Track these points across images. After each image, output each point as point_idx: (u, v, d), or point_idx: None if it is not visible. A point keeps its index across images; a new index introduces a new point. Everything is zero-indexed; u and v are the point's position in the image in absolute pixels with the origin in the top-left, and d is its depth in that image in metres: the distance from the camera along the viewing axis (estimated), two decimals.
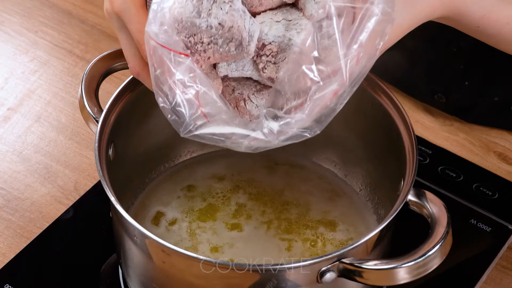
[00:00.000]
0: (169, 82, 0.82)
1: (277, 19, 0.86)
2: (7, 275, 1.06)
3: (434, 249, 0.88)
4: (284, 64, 0.85)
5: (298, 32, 0.85)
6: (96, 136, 0.97)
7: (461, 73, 1.21)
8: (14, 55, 1.33)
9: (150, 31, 0.82)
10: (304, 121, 0.84)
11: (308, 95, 0.84)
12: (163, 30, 0.81)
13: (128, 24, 0.87)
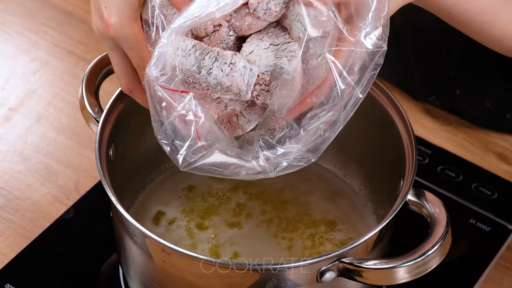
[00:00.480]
0: (170, 118, 0.84)
1: (264, 45, 0.87)
2: (8, 275, 1.06)
3: (433, 248, 0.88)
4: (277, 91, 0.86)
5: (289, 60, 0.86)
6: (96, 136, 0.97)
7: (452, 79, 1.21)
8: (15, 55, 1.33)
9: (151, 75, 0.83)
10: (299, 151, 0.86)
11: (302, 124, 0.86)
12: (165, 73, 0.83)
13: (127, 50, 0.88)
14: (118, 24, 0.87)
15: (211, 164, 0.86)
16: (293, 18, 0.86)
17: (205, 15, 0.82)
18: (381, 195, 1.06)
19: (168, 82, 0.83)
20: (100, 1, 0.88)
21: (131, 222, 0.89)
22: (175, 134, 0.85)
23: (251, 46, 0.87)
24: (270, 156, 0.87)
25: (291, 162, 0.87)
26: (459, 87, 1.22)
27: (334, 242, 1.05)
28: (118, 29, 0.87)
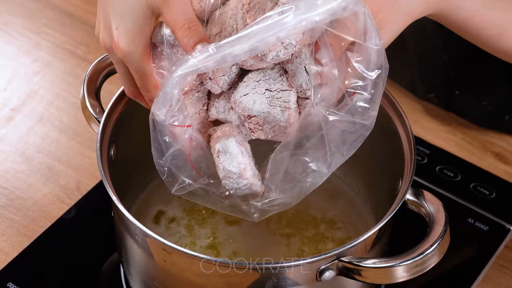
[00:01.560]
0: (170, 151, 0.87)
1: (260, 90, 0.88)
2: (10, 274, 1.06)
3: (432, 247, 0.88)
4: (271, 132, 0.89)
5: (283, 111, 0.87)
6: (98, 136, 0.97)
7: (451, 80, 1.21)
8: (17, 56, 1.34)
9: (158, 116, 0.85)
10: (284, 199, 0.91)
11: (296, 180, 0.90)
12: (170, 113, 0.85)
13: (132, 72, 0.90)
14: (128, 49, 0.88)
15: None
16: (299, 65, 0.87)
17: (207, 65, 0.83)
18: (380, 194, 1.06)
19: (174, 121, 0.85)
20: (111, 19, 0.88)
21: (132, 222, 0.89)
22: (174, 162, 0.88)
23: (246, 88, 0.88)
24: (258, 204, 0.92)
25: (274, 208, 0.91)
26: (459, 89, 1.22)
27: (334, 241, 1.05)
28: (127, 54, 0.88)
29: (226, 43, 0.82)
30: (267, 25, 0.82)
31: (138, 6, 0.86)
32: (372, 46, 0.84)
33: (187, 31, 0.85)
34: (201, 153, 0.89)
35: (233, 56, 0.82)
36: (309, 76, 0.86)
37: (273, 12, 0.82)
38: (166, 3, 0.86)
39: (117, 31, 0.88)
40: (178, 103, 0.85)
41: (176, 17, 0.86)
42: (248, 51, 0.82)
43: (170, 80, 0.83)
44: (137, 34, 0.87)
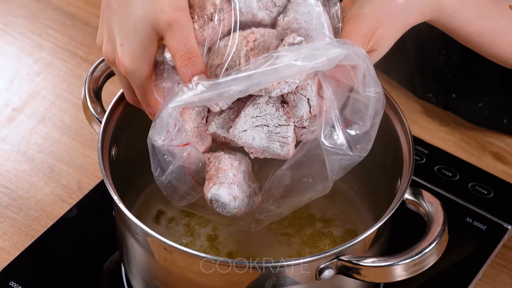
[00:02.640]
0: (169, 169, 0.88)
1: (257, 123, 0.90)
2: (12, 273, 1.06)
3: (430, 246, 0.88)
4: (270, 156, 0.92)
5: (282, 146, 0.90)
6: (99, 136, 0.97)
7: (448, 83, 1.21)
8: (19, 56, 1.34)
9: (155, 142, 0.86)
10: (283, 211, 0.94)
11: (294, 195, 0.93)
12: (167, 137, 0.86)
13: (134, 87, 0.90)
14: (131, 68, 0.88)
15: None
16: (302, 97, 0.88)
17: (203, 100, 0.84)
18: (379, 194, 1.06)
19: (172, 143, 0.86)
20: (115, 35, 0.88)
21: (133, 221, 0.89)
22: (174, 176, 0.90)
23: (244, 125, 0.90)
24: (254, 215, 0.95)
25: (269, 218, 0.95)
26: (455, 91, 1.22)
27: (333, 240, 1.05)
28: (130, 71, 0.88)
29: (222, 82, 0.83)
30: (265, 71, 0.82)
31: (143, 26, 0.86)
32: (371, 94, 0.86)
33: (187, 61, 0.85)
34: (200, 165, 0.91)
35: (227, 95, 0.83)
36: (310, 107, 0.88)
37: (274, 55, 0.83)
38: (170, 28, 0.85)
39: (121, 48, 0.88)
40: (175, 128, 0.86)
41: (177, 44, 0.85)
42: (242, 91, 0.83)
43: (165, 110, 0.84)
44: (142, 53, 0.87)
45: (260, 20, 0.87)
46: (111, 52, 0.89)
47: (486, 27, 0.96)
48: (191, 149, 0.88)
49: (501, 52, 1.00)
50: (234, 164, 0.92)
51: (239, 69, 0.83)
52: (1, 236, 1.11)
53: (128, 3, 0.87)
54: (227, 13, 0.87)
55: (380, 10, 0.88)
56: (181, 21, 0.85)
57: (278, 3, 0.87)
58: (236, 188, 0.91)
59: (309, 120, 0.90)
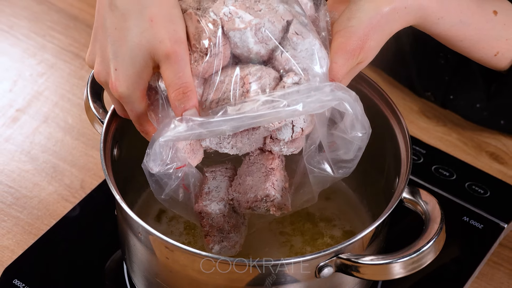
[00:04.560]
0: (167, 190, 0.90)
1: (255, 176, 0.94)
2: (15, 271, 1.06)
3: (428, 245, 0.88)
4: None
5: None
6: (101, 136, 0.97)
7: (446, 84, 1.21)
8: (23, 58, 1.34)
9: (151, 169, 0.87)
10: None
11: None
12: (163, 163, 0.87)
13: (127, 110, 0.90)
14: (126, 92, 0.87)
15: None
16: (288, 123, 0.89)
17: (193, 135, 0.84)
18: (377, 193, 1.06)
19: (167, 169, 0.87)
20: (109, 58, 0.87)
21: (135, 220, 0.89)
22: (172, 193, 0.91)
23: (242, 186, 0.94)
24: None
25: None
26: (453, 93, 1.22)
27: (332, 239, 1.05)
28: (124, 96, 0.88)
29: (212, 121, 0.83)
30: (256, 115, 0.83)
31: (140, 53, 0.85)
32: (357, 135, 0.88)
33: (181, 95, 0.84)
34: (193, 180, 0.91)
35: (217, 133, 0.84)
36: (293, 133, 0.89)
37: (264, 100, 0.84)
38: (167, 60, 0.84)
39: (116, 73, 0.87)
40: (169, 156, 0.86)
41: (173, 77, 0.85)
42: (232, 131, 0.84)
43: (156, 143, 0.85)
44: (136, 79, 0.87)
45: (255, 53, 0.87)
46: (104, 74, 0.89)
47: (469, 33, 0.97)
48: (186, 170, 0.89)
49: (482, 56, 1.01)
50: (225, 212, 0.93)
51: (231, 109, 0.84)
52: (5, 234, 1.11)
53: (125, 28, 0.85)
54: (222, 46, 0.86)
55: (367, 23, 0.88)
56: (179, 54, 0.84)
57: (274, 36, 0.86)
58: (234, 235, 0.94)
59: (287, 145, 0.91)
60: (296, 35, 0.86)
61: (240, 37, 0.86)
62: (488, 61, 1.02)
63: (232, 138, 0.92)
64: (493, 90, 1.16)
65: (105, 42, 0.87)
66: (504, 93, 1.16)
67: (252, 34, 0.86)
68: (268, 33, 0.86)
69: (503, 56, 1.01)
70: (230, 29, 0.85)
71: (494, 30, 0.98)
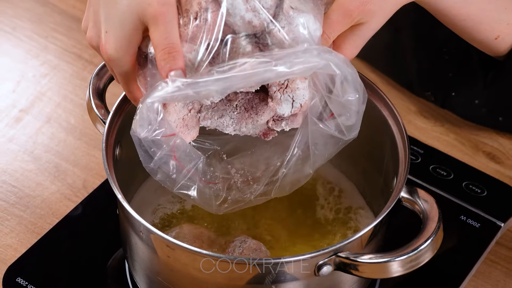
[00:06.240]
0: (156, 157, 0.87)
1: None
2: (19, 269, 1.06)
3: (426, 243, 0.88)
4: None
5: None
6: (103, 136, 0.97)
7: (449, 81, 1.21)
8: (26, 59, 1.33)
9: (139, 135, 0.85)
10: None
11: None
12: (151, 129, 0.85)
13: (115, 73, 0.90)
14: (115, 55, 0.87)
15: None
16: (289, 98, 0.88)
17: (179, 97, 0.83)
18: (375, 192, 1.06)
19: (156, 134, 0.85)
20: (101, 21, 0.87)
21: (137, 219, 0.89)
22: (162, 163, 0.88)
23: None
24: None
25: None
26: (455, 90, 1.22)
27: (331, 237, 1.05)
28: (113, 59, 0.87)
29: (199, 81, 0.82)
30: (243, 74, 0.82)
31: (130, 16, 0.85)
32: (350, 98, 0.86)
33: (166, 55, 0.84)
34: (187, 151, 0.89)
35: (204, 94, 0.82)
36: (293, 108, 0.88)
37: (252, 61, 0.82)
38: (154, 21, 0.84)
39: (106, 35, 0.87)
40: (156, 120, 0.84)
41: (160, 38, 0.84)
42: (219, 92, 0.83)
43: (143, 105, 0.83)
44: (125, 42, 0.86)
45: (248, 22, 0.86)
46: (96, 38, 0.89)
47: (471, 12, 0.97)
48: (176, 139, 0.87)
49: (483, 39, 1.00)
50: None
51: (219, 69, 0.83)
52: (8, 233, 1.11)
53: None
54: (213, 12, 0.85)
55: None
56: (166, 15, 0.84)
57: (265, 5, 0.86)
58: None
59: (288, 123, 0.90)
60: (292, 9, 0.85)
61: (232, 3, 0.85)
62: (489, 44, 1.02)
63: (236, 124, 0.91)
64: (490, 78, 1.15)
65: (98, 6, 0.88)
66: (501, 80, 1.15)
67: (244, 1, 0.85)
68: (258, 3, 0.85)
69: (504, 41, 1.01)
70: None
71: (496, 12, 0.98)
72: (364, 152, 1.07)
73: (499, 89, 1.17)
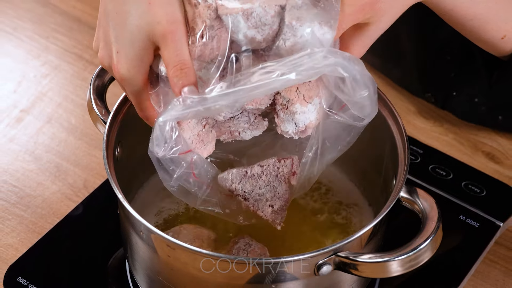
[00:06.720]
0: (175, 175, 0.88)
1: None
2: (19, 268, 1.06)
3: (425, 243, 0.88)
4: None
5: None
6: (104, 136, 0.97)
7: (451, 81, 1.21)
8: (27, 59, 1.33)
9: (157, 154, 0.86)
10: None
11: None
12: (167, 147, 0.85)
13: (127, 93, 0.90)
14: (127, 75, 0.88)
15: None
16: (290, 119, 0.89)
17: (190, 115, 0.83)
18: (375, 192, 1.06)
19: (173, 152, 0.86)
20: (112, 41, 0.88)
21: (137, 218, 0.89)
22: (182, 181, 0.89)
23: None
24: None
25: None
26: (456, 90, 1.22)
27: (331, 237, 1.05)
28: (125, 79, 0.88)
29: (208, 97, 0.82)
30: (251, 87, 0.82)
31: (139, 36, 0.86)
32: (362, 95, 0.86)
33: (178, 71, 0.84)
34: (205, 166, 0.90)
35: (214, 109, 0.83)
36: (297, 127, 0.89)
37: (258, 71, 0.83)
38: (164, 39, 0.85)
39: (117, 55, 0.87)
40: (172, 138, 0.85)
41: (171, 56, 0.85)
42: (229, 106, 0.83)
43: (156, 124, 0.84)
44: (137, 62, 0.87)
45: (251, 38, 0.87)
46: (107, 58, 0.89)
47: (478, 12, 0.97)
48: (193, 156, 0.88)
49: (489, 38, 1.00)
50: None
51: (226, 85, 0.83)
52: (9, 233, 1.11)
53: (125, 12, 0.86)
54: (218, 29, 0.86)
55: None
56: (175, 33, 0.85)
57: (266, 22, 0.86)
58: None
59: (297, 135, 0.91)
60: (295, 20, 0.85)
61: (233, 22, 0.85)
62: (495, 44, 1.01)
63: (251, 125, 0.93)
64: (495, 78, 1.15)
65: (108, 26, 0.88)
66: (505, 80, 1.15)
67: (245, 19, 0.85)
68: (258, 20, 0.86)
69: (510, 40, 1.01)
70: (222, 13, 0.85)
71: (502, 11, 0.98)
72: (364, 152, 1.07)
73: (502, 88, 1.17)
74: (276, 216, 0.94)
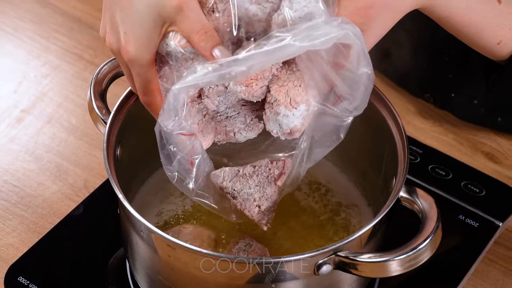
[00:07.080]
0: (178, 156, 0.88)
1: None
2: (20, 268, 1.06)
3: (424, 242, 0.88)
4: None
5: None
6: (104, 136, 0.97)
7: (449, 83, 1.21)
8: (27, 59, 1.33)
9: (165, 127, 0.86)
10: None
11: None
12: (176, 123, 0.86)
13: (134, 75, 0.90)
14: (135, 55, 0.88)
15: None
16: (275, 120, 0.89)
17: (205, 82, 0.83)
18: (375, 192, 1.06)
19: (182, 127, 0.86)
20: (118, 23, 0.88)
21: (138, 218, 0.89)
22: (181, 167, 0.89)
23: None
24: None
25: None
26: (455, 91, 1.22)
27: (330, 237, 1.05)
28: (133, 59, 0.88)
29: (223, 63, 0.82)
30: (265, 51, 0.82)
31: (149, 15, 0.86)
32: (363, 72, 0.86)
33: (204, 35, 0.85)
34: (200, 156, 0.90)
35: (229, 76, 0.82)
36: (281, 129, 0.89)
37: (274, 35, 0.83)
38: (180, 11, 0.85)
39: (125, 36, 0.87)
40: (183, 112, 0.85)
41: (191, 24, 0.85)
42: (244, 72, 0.83)
43: (170, 93, 0.84)
44: (146, 41, 0.87)
45: (252, 15, 0.87)
46: (115, 41, 0.89)
47: (474, 19, 0.97)
48: (195, 141, 0.88)
49: (486, 44, 1.01)
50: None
51: (242, 51, 0.83)
52: (10, 233, 1.11)
53: None
54: (226, 3, 0.86)
55: None
56: (190, 4, 0.85)
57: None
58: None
59: (284, 136, 0.91)
60: None
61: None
62: (491, 49, 1.02)
63: (246, 126, 0.94)
64: (492, 80, 1.15)
65: (113, 10, 0.88)
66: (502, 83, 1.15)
67: None
68: None
69: (506, 45, 1.02)
70: None
71: (498, 17, 0.98)
72: (363, 152, 1.07)
73: (500, 91, 1.17)
74: (263, 217, 0.94)
